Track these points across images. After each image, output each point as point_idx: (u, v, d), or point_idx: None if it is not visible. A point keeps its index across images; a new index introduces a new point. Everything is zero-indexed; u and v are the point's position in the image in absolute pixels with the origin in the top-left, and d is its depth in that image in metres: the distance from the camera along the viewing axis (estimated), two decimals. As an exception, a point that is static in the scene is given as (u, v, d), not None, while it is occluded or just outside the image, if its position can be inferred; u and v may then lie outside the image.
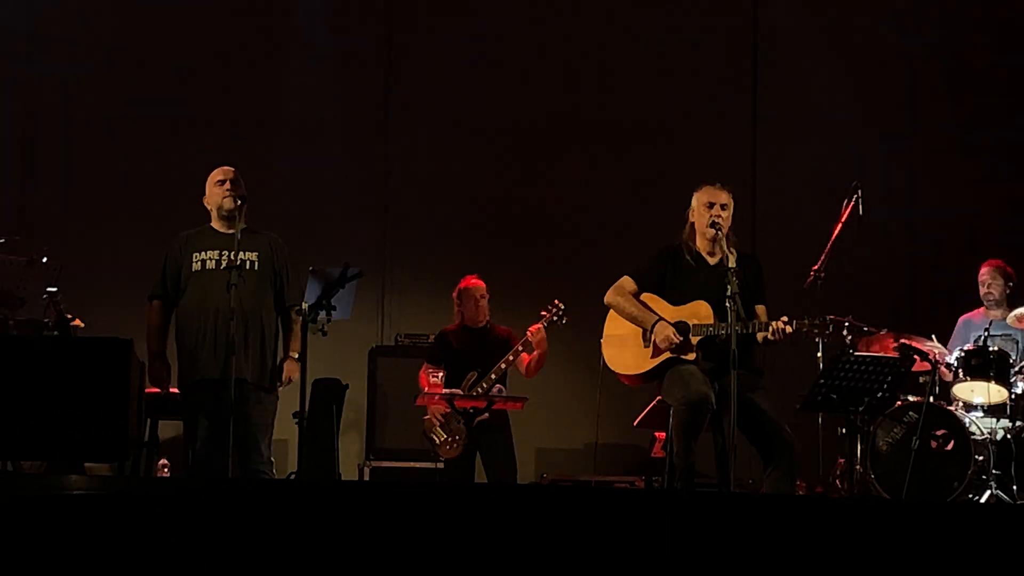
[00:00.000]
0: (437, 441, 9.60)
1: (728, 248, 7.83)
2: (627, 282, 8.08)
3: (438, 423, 9.57)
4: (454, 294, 9.99)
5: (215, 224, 8.42)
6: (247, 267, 8.22)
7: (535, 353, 9.62)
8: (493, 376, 9.51)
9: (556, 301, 9.56)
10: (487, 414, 9.49)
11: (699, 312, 7.87)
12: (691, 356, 7.83)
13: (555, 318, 9.55)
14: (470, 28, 12.16)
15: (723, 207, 7.97)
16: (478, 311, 9.89)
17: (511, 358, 9.55)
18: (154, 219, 10.71)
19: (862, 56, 12.15)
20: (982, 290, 10.25)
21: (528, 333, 9.55)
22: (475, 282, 9.97)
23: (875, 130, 11.99)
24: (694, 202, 8.05)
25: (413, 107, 12.13)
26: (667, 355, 7.88)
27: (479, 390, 9.43)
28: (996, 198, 11.78)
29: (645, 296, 8.04)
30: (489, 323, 9.96)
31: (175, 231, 8.51)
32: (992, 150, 11.88)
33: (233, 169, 8.44)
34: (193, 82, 11.77)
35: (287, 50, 11.98)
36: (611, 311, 8.13)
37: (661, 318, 7.87)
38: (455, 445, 9.52)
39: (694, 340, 7.82)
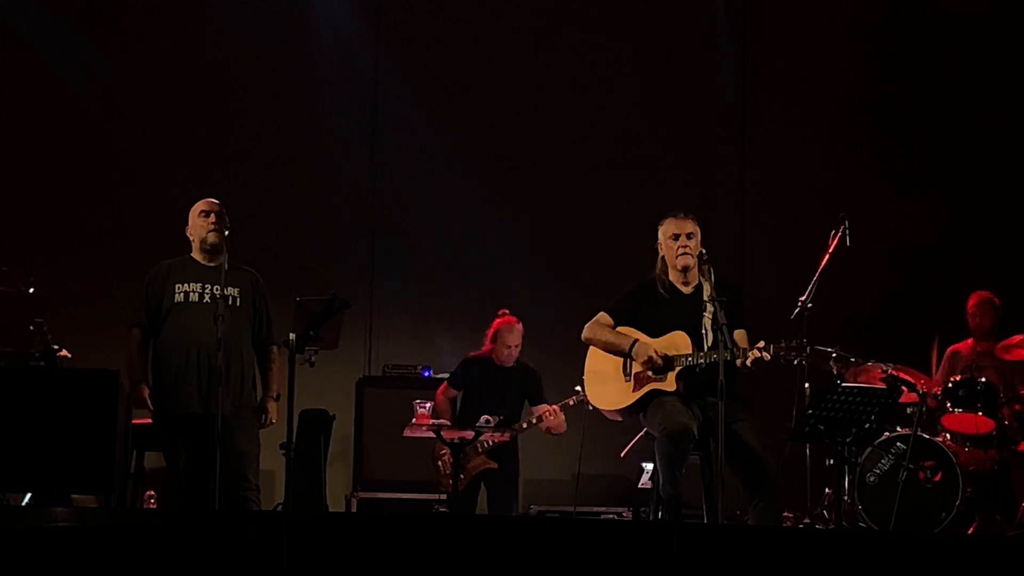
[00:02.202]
0: (442, 471, 9.60)
1: (705, 276, 7.83)
2: (603, 317, 8.10)
3: (447, 458, 9.56)
4: (490, 330, 9.99)
5: (197, 256, 8.33)
6: (228, 302, 8.16)
7: (554, 431, 9.73)
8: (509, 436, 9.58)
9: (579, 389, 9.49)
10: (496, 464, 9.54)
11: (677, 343, 7.87)
12: (672, 387, 7.83)
13: (585, 398, 9.48)
14: (456, 60, 12.17)
15: (689, 236, 7.96)
16: (509, 355, 9.92)
17: (534, 421, 9.68)
18: (139, 248, 10.67)
19: (847, 88, 12.17)
20: (972, 321, 10.29)
21: (547, 415, 9.59)
22: (516, 324, 9.95)
23: (862, 161, 12.02)
24: (660, 235, 8.07)
25: (400, 139, 12.14)
26: (649, 387, 7.86)
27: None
28: (983, 229, 11.80)
29: (622, 329, 8.04)
30: (518, 362, 9.99)
31: (158, 259, 8.46)
32: (979, 181, 11.91)
33: (217, 202, 8.36)
34: (179, 114, 11.76)
35: (274, 82, 11.97)
36: (590, 348, 8.14)
37: (638, 339, 7.88)
38: (457, 482, 9.50)
39: (674, 371, 7.82)
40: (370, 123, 12.19)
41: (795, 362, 7.84)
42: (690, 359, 7.78)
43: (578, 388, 9.49)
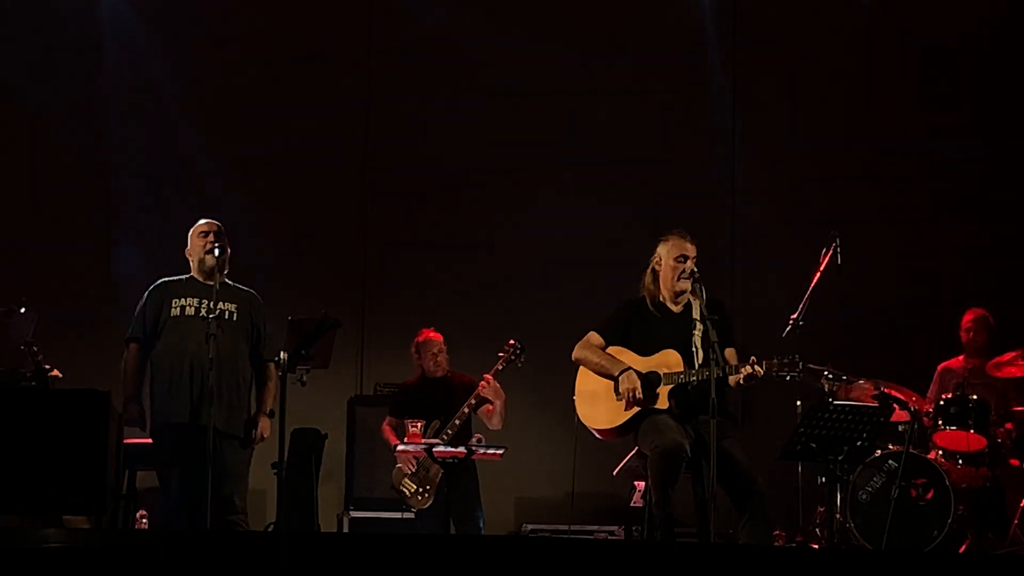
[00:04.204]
0: (407, 493, 9.61)
1: (696, 294, 7.85)
2: (594, 337, 8.10)
3: (407, 474, 9.59)
4: (412, 348, 10.04)
5: (196, 275, 8.44)
6: (225, 316, 8.22)
7: (496, 404, 9.64)
8: (457, 422, 9.54)
9: (512, 340, 9.65)
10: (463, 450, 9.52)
11: (668, 361, 7.87)
12: (664, 405, 7.83)
13: (512, 358, 9.61)
14: (445, 80, 12.18)
15: (693, 259, 7.98)
16: (436, 364, 9.95)
17: (473, 402, 9.59)
18: (129, 267, 10.68)
19: (838, 107, 12.19)
20: (966, 337, 10.28)
21: (480, 388, 9.58)
22: (432, 335, 10.05)
23: (853, 179, 12.03)
24: (662, 253, 8.04)
25: (390, 158, 12.15)
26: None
27: (444, 437, 9.43)
28: (972, 246, 11.81)
29: (612, 349, 8.05)
30: (450, 373, 10.00)
31: (150, 278, 8.50)
32: (968, 202, 11.91)
33: (217, 223, 8.44)
34: (175, 135, 11.76)
35: (269, 104, 11.96)
36: (581, 367, 8.14)
37: (629, 367, 7.87)
38: (425, 496, 9.53)
39: (666, 389, 7.82)
40: (362, 142, 12.19)
41: (787, 378, 7.84)
42: (681, 377, 7.78)
43: (500, 354, 9.61)
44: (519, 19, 12.17)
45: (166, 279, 8.45)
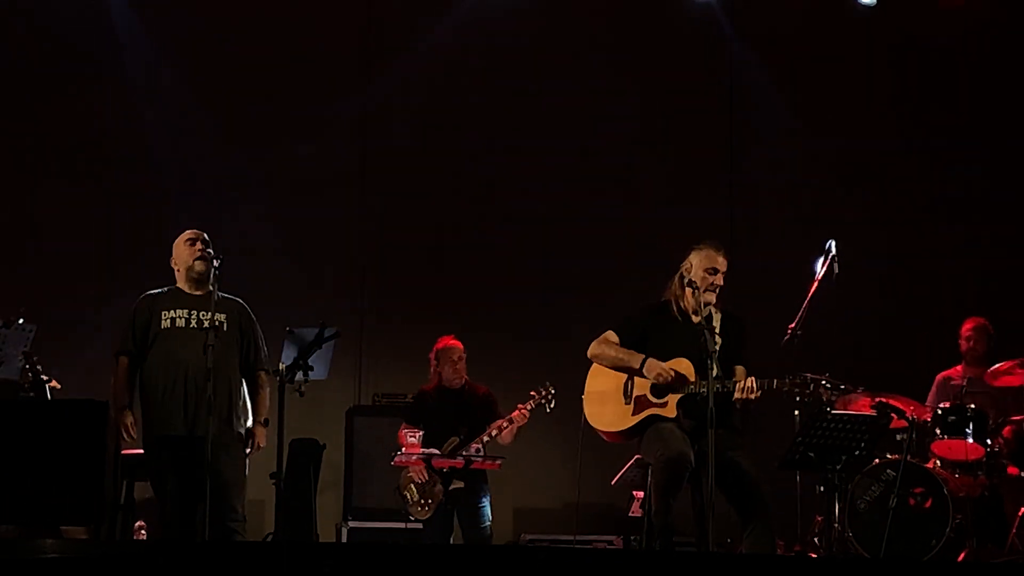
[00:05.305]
0: (410, 500, 9.61)
1: (715, 307, 7.86)
2: (610, 335, 8.07)
3: (414, 483, 9.58)
4: (431, 354, 10.00)
5: (182, 285, 8.41)
6: (216, 325, 8.20)
7: (515, 428, 9.67)
8: (476, 446, 9.53)
9: (548, 384, 9.66)
10: (462, 483, 9.51)
11: (680, 369, 7.85)
12: (672, 413, 7.81)
13: (543, 401, 9.62)
14: (444, 92, 12.20)
15: (723, 274, 7.98)
16: (456, 372, 9.91)
17: (503, 425, 9.62)
18: (129, 278, 10.66)
19: (834, 118, 12.20)
20: (966, 346, 10.29)
21: (517, 413, 9.60)
22: (453, 343, 9.99)
23: (851, 189, 12.04)
24: (694, 260, 8.01)
25: (390, 167, 12.15)
26: (649, 412, 7.86)
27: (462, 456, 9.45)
28: (972, 246, 11.82)
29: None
30: (467, 383, 9.97)
31: (148, 289, 8.49)
32: (966, 208, 11.93)
33: (202, 232, 8.45)
34: (170, 146, 11.76)
35: (269, 105, 11.96)
36: (593, 366, 8.11)
37: (649, 357, 7.85)
38: (426, 508, 9.54)
39: (675, 398, 7.81)
40: (360, 152, 12.19)
41: (797, 399, 7.85)
42: (691, 387, 7.76)
43: (533, 393, 9.63)
44: (519, 19, 12.19)
45: (150, 292, 8.42)
